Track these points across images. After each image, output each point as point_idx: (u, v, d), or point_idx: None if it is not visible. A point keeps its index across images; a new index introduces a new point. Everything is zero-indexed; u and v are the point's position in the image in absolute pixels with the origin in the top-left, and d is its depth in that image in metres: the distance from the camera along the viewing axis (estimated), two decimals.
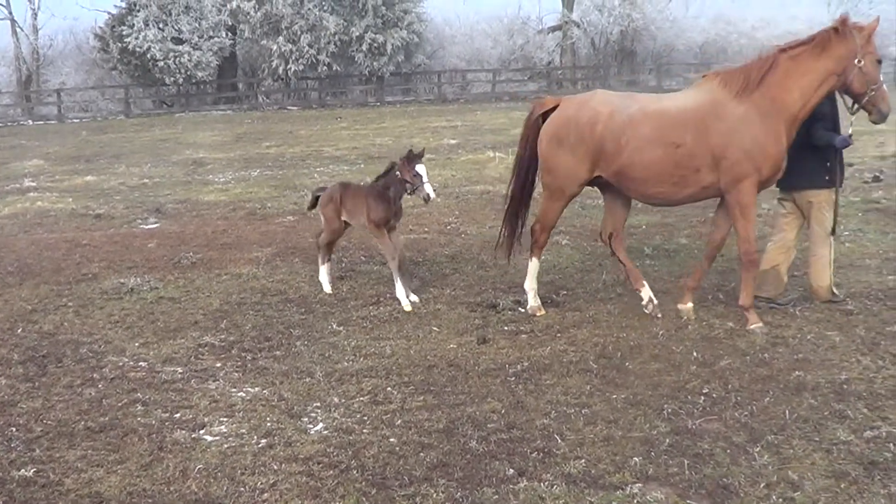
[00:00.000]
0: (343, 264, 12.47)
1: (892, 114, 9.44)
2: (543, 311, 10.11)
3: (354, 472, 6.42)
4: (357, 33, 54.14)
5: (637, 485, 6.12)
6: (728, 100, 9.37)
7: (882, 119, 9.45)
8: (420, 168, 10.53)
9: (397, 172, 10.74)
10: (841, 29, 9.30)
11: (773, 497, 5.95)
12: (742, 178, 9.27)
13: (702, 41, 64.07)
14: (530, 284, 10.34)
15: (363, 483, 6.26)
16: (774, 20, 62.43)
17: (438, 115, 42.65)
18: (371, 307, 10.45)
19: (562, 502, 5.92)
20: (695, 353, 8.55)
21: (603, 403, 7.48)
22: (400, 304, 10.51)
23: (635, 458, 6.47)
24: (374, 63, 54.76)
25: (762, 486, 6.09)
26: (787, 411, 7.21)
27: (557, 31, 63.81)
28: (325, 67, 54.70)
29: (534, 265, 10.40)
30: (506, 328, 9.57)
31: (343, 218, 11.30)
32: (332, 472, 6.44)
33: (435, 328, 9.64)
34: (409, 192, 10.74)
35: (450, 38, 65.60)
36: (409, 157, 10.64)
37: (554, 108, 10.18)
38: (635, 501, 5.92)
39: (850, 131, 9.72)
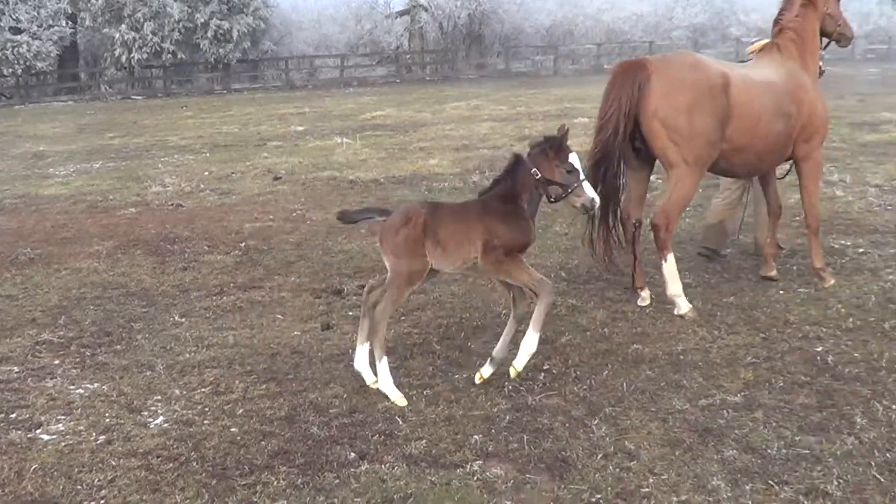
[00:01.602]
0: (186, 254, 12.30)
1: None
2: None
3: (194, 463, 6.35)
4: (202, 20, 53.66)
5: (477, 462, 6.17)
6: (798, 69, 9.73)
7: (849, 43, 10.55)
8: (573, 159, 7.22)
9: (533, 171, 7.24)
10: None
11: (610, 467, 6.05)
12: (816, 143, 9.80)
13: (549, 23, 64.76)
14: (678, 288, 9.23)
15: (203, 474, 6.19)
16: (621, 1, 63.51)
17: (286, 101, 42.42)
18: (214, 297, 10.32)
19: (402, 483, 5.93)
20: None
21: (445, 384, 7.52)
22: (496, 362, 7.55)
23: (476, 436, 6.51)
24: (220, 50, 54.34)
25: (600, 457, 6.19)
26: (624, 384, 7.35)
27: (405, 15, 64.07)
28: (169, 55, 54.10)
29: (672, 264, 9.25)
30: (350, 313, 9.52)
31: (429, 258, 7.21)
32: (171, 465, 6.35)
33: (279, 316, 9.58)
34: (552, 198, 7.33)
35: (297, 23, 65.36)
36: (554, 146, 7.22)
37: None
38: (475, 478, 5.96)
39: (821, 63, 10.25)
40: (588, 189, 7.26)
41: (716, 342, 8.27)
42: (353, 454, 6.36)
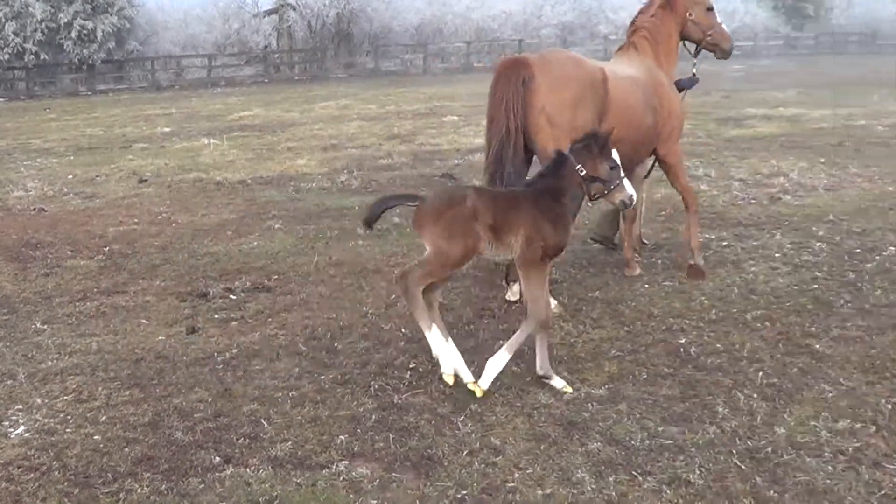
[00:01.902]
0: (48, 260, 12.03)
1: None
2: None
3: (56, 473, 6.22)
4: (65, 20, 52.61)
5: (343, 462, 6.15)
6: (654, 66, 10.06)
7: (726, 55, 10.65)
8: (616, 155, 7.30)
9: (579, 167, 7.19)
10: None
11: (476, 463, 6.08)
12: (675, 139, 10.11)
13: (418, 22, 64.86)
14: None
15: (65, 483, 6.07)
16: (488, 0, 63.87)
17: (153, 102, 41.81)
18: (77, 303, 10.10)
19: (268, 486, 5.89)
20: (403, 330, 8.66)
21: (311, 385, 7.48)
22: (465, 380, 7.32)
23: (341, 437, 6.49)
24: (84, 50, 53.29)
25: (465, 453, 6.22)
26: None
27: (273, 14, 63.65)
28: (32, 56, 52.86)
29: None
30: (216, 316, 9.44)
31: (482, 244, 7.06)
32: (32, 475, 6.22)
33: (144, 321, 9.43)
34: (594, 196, 7.35)
35: (163, 23, 64.44)
36: (599, 142, 7.25)
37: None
38: (341, 479, 5.94)
39: (694, 71, 10.58)
40: (628, 186, 7.28)
41: (581, 336, 8.37)
42: (217, 458, 6.30)
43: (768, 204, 13.98)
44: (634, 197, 7.33)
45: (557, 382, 7.23)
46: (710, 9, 10.38)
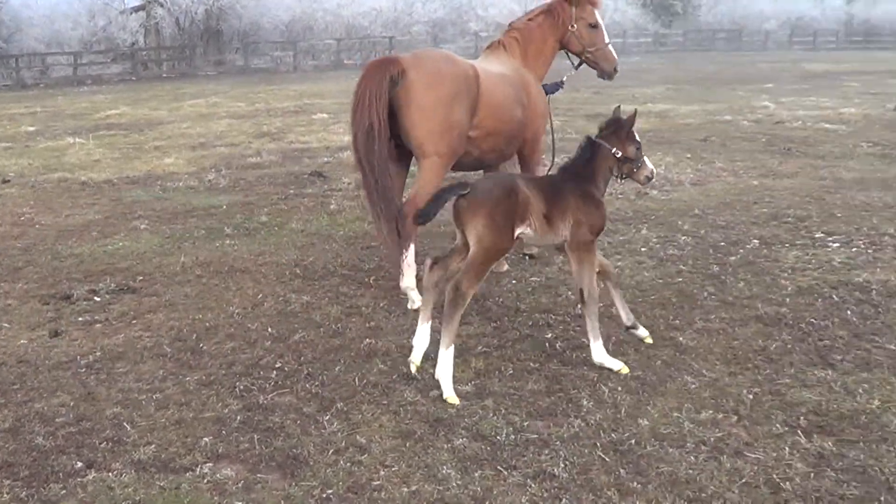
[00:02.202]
0: None
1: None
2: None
3: None
4: None
5: (208, 464, 6.08)
6: (520, 66, 10.28)
7: (605, 76, 10.98)
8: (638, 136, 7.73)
9: (614, 150, 7.57)
10: None
11: (342, 462, 6.06)
12: (539, 138, 10.41)
13: (288, 19, 64.50)
14: (411, 281, 9.33)
15: None
16: None
17: (17, 101, 40.98)
18: None
19: (131, 490, 5.80)
20: (270, 329, 8.59)
21: (176, 387, 7.38)
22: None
23: (206, 439, 6.42)
24: None
25: (331, 452, 6.19)
26: (357, 378, 7.37)
27: (141, 11, 62.91)
28: None
29: (412, 255, 9.40)
30: (80, 319, 9.26)
31: (529, 233, 7.32)
32: None
33: (5, 324, 9.21)
34: (623, 175, 7.79)
35: (28, 20, 63.31)
36: (627, 125, 7.61)
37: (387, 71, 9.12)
38: (205, 481, 5.88)
39: (564, 78, 10.93)
40: (649, 162, 7.79)
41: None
42: (79, 463, 6.18)
43: (635, 199, 14.17)
44: (655, 171, 7.86)
45: (642, 332, 8.02)
46: (595, 26, 10.61)
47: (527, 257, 10.90)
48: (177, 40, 63.38)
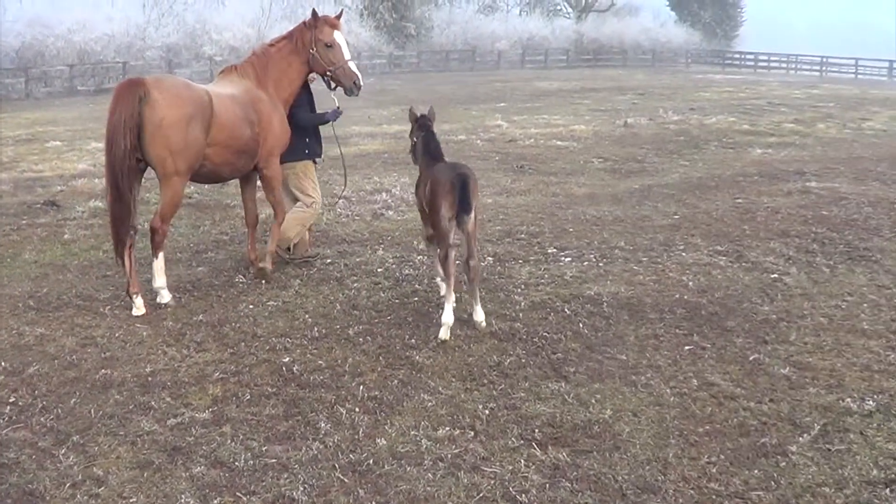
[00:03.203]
0: None
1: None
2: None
3: None
4: None
5: None
6: (253, 87, 10.87)
7: (350, 92, 11.44)
8: None
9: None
10: (307, 22, 11.24)
11: (79, 496, 5.98)
12: (274, 154, 10.99)
13: (18, 45, 62.46)
14: (163, 282, 10.16)
15: None
16: (91, 22, 62.32)
17: None
18: None
19: None
20: (3, 363, 8.34)
21: None
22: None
23: None
24: None
25: (68, 486, 6.11)
26: (93, 410, 7.27)
27: None
28: None
29: (161, 260, 10.13)
30: None
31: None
32: None
33: None
34: None
35: None
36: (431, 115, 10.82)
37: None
38: None
39: (337, 104, 11.70)
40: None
41: (185, 361, 8.35)
42: None
43: (371, 220, 14.39)
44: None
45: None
46: (331, 45, 11.20)
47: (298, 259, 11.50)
48: None
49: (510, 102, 39.05)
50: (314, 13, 11.27)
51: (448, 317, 8.88)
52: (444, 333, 8.86)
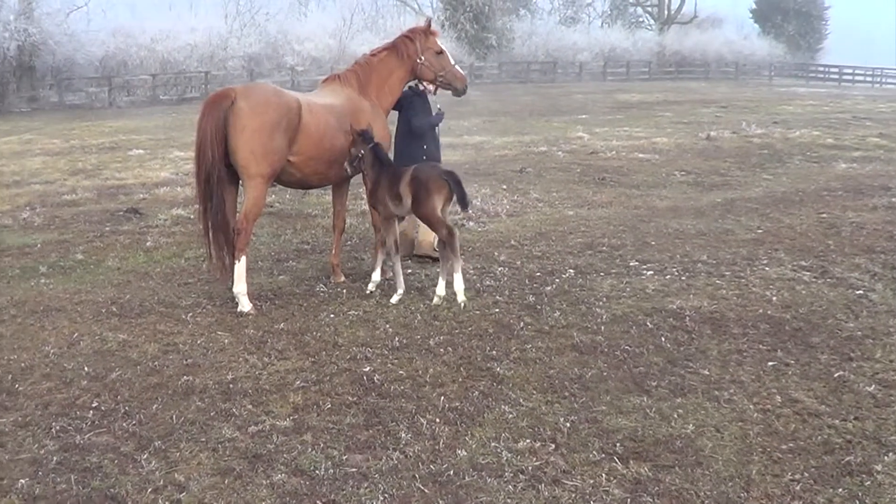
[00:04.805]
0: None
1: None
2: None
3: None
4: None
5: None
6: (355, 95, 11.23)
7: (458, 93, 12.08)
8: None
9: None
10: (409, 34, 11.70)
11: (160, 501, 6.02)
12: None
13: (102, 54, 63.19)
14: (243, 288, 10.28)
15: None
16: (174, 32, 62.95)
17: None
18: None
19: None
20: (86, 369, 8.43)
21: None
22: None
23: (22, 480, 6.30)
24: None
25: (149, 491, 6.15)
26: (175, 416, 7.32)
27: None
28: None
29: (244, 265, 10.31)
30: None
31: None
32: None
33: None
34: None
35: None
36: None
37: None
38: None
39: (438, 106, 12.23)
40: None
41: (266, 369, 8.38)
42: None
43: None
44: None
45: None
46: (440, 52, 11.65)
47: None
48: None
49: (591, 114, 38.98)
50: (428, 23, 11.81)
51: (441, 290, 10.45)
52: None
